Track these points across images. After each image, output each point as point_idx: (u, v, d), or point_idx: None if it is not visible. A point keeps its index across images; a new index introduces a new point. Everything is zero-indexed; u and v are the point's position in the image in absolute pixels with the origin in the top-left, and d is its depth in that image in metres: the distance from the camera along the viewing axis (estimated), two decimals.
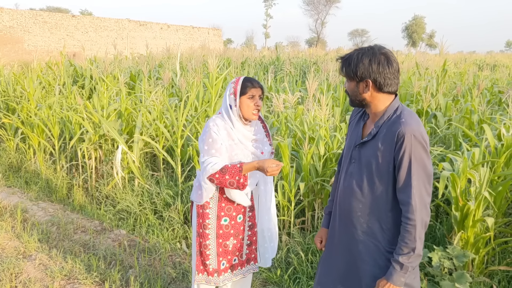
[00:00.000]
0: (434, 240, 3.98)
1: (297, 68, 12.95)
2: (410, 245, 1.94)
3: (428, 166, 1.95)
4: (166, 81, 6.58)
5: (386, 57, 2.03)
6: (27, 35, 28.12)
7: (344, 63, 2.11)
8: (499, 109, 6.73)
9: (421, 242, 1.95)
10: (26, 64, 13.95)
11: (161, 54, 16.25)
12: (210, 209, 2.81)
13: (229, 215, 2.83)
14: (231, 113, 2.71)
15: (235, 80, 2.74)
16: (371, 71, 2.01)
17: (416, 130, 1.94)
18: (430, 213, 1.98)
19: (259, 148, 2.83)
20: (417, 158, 1.93)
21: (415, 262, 1.97)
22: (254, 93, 2.69)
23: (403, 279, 1.98)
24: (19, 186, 6.49)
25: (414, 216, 1.92)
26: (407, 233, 1.95)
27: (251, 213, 2.94)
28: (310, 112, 4.92)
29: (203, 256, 2.84)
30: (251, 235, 2.96)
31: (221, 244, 2.83)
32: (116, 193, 5.42)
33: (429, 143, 1.99)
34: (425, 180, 1.95)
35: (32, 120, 7.02)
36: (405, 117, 2.00)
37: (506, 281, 3.44)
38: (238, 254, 2.92)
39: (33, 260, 4.19)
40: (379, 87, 2.04)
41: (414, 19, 72.84)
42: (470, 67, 13.94)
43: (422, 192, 1.94)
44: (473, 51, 37.66)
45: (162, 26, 37.01)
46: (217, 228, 2.82)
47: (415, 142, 1.92)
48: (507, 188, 3.64)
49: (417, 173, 1.93)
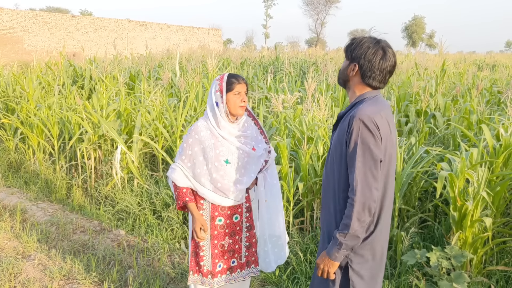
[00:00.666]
0: (432, 240, 3.99)
1: (297, 68, 12.95)
2: (347, 223, 1.98)
3: (374, 151, 1.95)
4: (165, 81, 6.59)
5: (383, 52, 2.07)
6: (27, 35, 28.12)
7: (350, 42, 2.17)
8: (498, 109, 6.73)
9: (360, 224, 1.97)
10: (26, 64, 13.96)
11: (161, 54, 16.27)
12: (204, 210, 2.81)
13: (223, 214, 2.81)
14: (217, 111, 2.71)
15: (220, 77, 2.75)
16: (362, 57, 2.07)
17: (366, 115, 1.97)
18: (376, 198, 1.96)
19: (248, 144, 2.82)
20: (363, 142, 1.96)
21: (350, 242, 2.00)
22: (240, 89, 2.70)
23: (337, 255, 2.04)
24: (18, 186, 6.49)
25: (355, 197, 1.96)
26: (347, 211, 1.99)
27: (248, 214, 2.92)
28: (309, 112, 4.93)
29: (198, 257, 2.85)
30: (250, 236, 2.94)
31: (216, 245, 2.82)
32: (115, 193, 5.42)
33: (384, 129, 2.00)
34: (371, 164, 1.96)
35: (31, 120, 7.02)
36: (364, 104, 2.05)
37: (504, 281, 3.44)
38: (237, 256, 2.90)
39: (32, 260, 4.20)
40: (362, 75, 2.09)
41: (414, 19, 72.82)
42: (469, 67, 13.94)
43: (366, 174, 1.96)
44: (473, 51, 37.68)
45: (162, 26, 37.01)
46: (211, 229, 2.82)
47: (362, 126, 1.96)
48: (505, 188, 3.65)
49: (362, 156, 1.96)
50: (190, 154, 2.75)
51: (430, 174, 4.31)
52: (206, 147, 2.73)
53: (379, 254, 2.15)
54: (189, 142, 2.75)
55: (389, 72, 2.09)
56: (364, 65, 2.07)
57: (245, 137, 2.82)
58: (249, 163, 2.83)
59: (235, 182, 2.77)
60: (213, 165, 2.73)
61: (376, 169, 1.97)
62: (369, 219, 1.99)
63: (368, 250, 2.10)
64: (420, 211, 4.30)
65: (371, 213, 1.98)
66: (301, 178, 4.32)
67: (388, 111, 2.12)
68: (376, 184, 1.97)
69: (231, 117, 2.74)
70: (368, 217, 1.98)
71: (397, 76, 8.09)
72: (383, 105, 2.09)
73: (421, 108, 6.12)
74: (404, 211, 4.22)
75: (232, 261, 2.90)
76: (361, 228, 1.98)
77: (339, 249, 2.02)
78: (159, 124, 5.60)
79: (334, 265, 2.08)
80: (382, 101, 2.12)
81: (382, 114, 2.02)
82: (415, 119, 6.21)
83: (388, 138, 2.04)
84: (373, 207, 1.97)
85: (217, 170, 2.74)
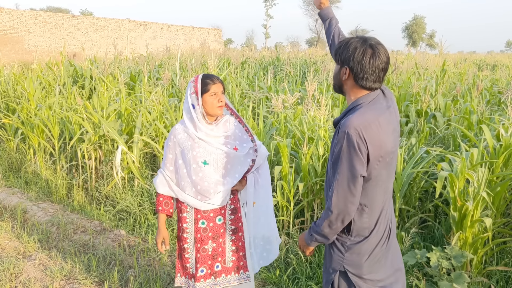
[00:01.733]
0: (432, 240, 4.00)
1: (297, 68, 12.95)
2: (320, 223, 2.06)
3: (356, 166, 1.91)
4: (166, 82, 6.60)
5: (372, 51, 1.96)
6: (27, 35, 28.13)
7: (338, 45, 2.10)
8: (498, 109, 6.74)
9: (330, 230, 2.03)
10: (26, 64, 13.98)
11: (161, 54, 16.27)
12: (188, 212, 2.78)
13: (205, 217, 2.76)
14: (193, 113, 2.67)
15: (194, 79, 2.70)
16: (351, 59, 1.98)
17: (353, 127, 1.90)
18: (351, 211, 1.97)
19: (229, 144, 2.75)
20: (345, 156, 1.92)
21: (320, 239, 2.10)
22: (216, 89, 2.65)
23: (310, 243, 2.16)
24: (19, 187, 6.50)
25: (331, 207, 1.98)
26: (323, 214, 2.05)
27: (233, 216, 2.84)
28: (309, 113, 4.93)
29: (183, 259, 2.84)
30: (236, 240, 2.84)
31: (199, 249, 2.77)
32: (115, 193, 5.43)
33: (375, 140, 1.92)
34: (349, 179, 1.93)
35: (32, 121, 7.03)
36: (356, 113, 1.96)
37: (504, 281, 3.45)
38: (220, 259, 2.82)
39: (33, 260, 4.21)
40: (355, 78, 2.00)
41: (414, 19, 72.84)
42: (470, 67, 13.95)
43: (344, 188, 1.94)
44: (473, 51, 37.74)
45: (162, 26, 37.02)
46: (195, 232, 2.77)
47: (346, 139, 1.90)
48: (506, 188, 3.65)
49: (343, 170, 1.93)
50: (171, 158, 2.77)
51: (430, 174, 4.32)
52: (184, 149, 2.71)
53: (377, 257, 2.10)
54: (170, 146, 2.76)
55: (383, 69, 1.99)
56: (354, 67, 1.97)
57: (225, 137, 2.76)
58: (231, 163, 2.76)
59: (215, 183, 2.71)
60: (191, 167, 2.69)
61: (354, 184, 1.93)
62: (341, 227, 2.02)
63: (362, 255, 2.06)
64: (421, 211, 4.30)
65: (345, 223, 2.00)
66: (302, 178, 4.32)
67: (386, 116, 2.00)
68: (352, 198, 1.95)
69: (208, 118, 2.69)
70: (340, 226, 2.01)
71: (397, 76, 8.09)
72: (379, 112, 1.98)
73: (422, 108, 6.13)
74: (404, 211, 4.22)
75: (216, 265, 2.82)
76: (331, 233, 2.04)
77: (311, 240, 2.14)
78: (160, 124, 5.60)
79: (309, 249, 2.24)
80: (380, 105, 2.02)
81: (374, 124, 1.92)
82: (415, 119, 6.21)
83: (381, 148, 1.95)
84: (346, 220, 1.98)
85: (195, 172, 2.69)
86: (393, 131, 2.03)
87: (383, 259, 2.12)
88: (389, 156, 2.01)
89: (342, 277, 2.12)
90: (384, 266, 2.13)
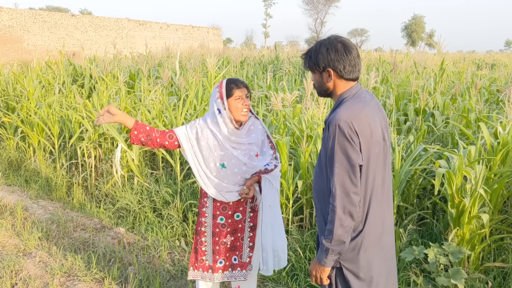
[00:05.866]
0: (430, 237, 4.02)
1: (296, 67, 12.96)
2: (331, 228, 1.99)
3: (352, 156, 1.95)
4: (165, 80, 6.61)
5: (343, 45, 2.07)
6: (27, 34, 28.12)
7: (306, 57, 2.17)
8: (496, 107, 6.76)
9: (343, 229, 1.97)
10: (26, 64, 13.97)
11: (161, 53, 16.28)
12: (207, 207, 2.85)
13: (224, 214, 2.84)
14: (219, 118, 2.73)
15: (219, 84, 2.76)
16: (330, 60, 2.06)
17: (343, 119, 1.95)
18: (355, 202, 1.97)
19: (253, 150, 2.83)
20: (340, 147, 1.95)
21: (336, 247, 2.00)
22: (240, 93, 2.71)
23: (326, 260, 2.04)
24: (19, 185, 6.52)
25: (335, 202, 1.97)
26: (330, 217, 2.00)
27: (252, 214, 2.92)
28: (308, 111, 4.95)
29: (199, 252, 2.88)
30: (253, 236, 2.94)
31: (217, 242, 2.84)
32: (115, 191, 5.45)
33: (364, 131, 1.97)
34: (348, 169, 1.96)
35: (32, 119, 7.05)
36: (342, 107, 2.03)
37: (501, 277, 3.47)
38: (238, 253, 2.91)
39: (33, 257, 4.23)
40: (340, 74, 2.08)
41: (413, 19, 72.88)
42: (468, 66, 13.96)
43: (344, 180, 1.96)
44: (472, 51, 37.77)
45: (161, 25, 37.01)
46: (213, 226, 2.85)
47: (338, 131, 1.95)
48: (503, 185, 3.68)
49: (340, 162, 1.96)
50: (193, 124, 2.83)
51: (428, 171, 4.34)
52: (206, 143, 2.78)
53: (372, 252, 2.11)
54: (193, 125, 2.83)
55: (358, 56, 2.09)
56: (337, 66, 2.06)
57: (249, 144, 2.83)
58: (248, 173, 2.83)
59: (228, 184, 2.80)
60: (209, 164, 2.79)
61: (354, 174, 1.96)
62: (352, 223, 1.99)
63: (357, 250, 2.07)
64: (419, 208, 4.33)
65: (354, 217, 1.98)
66: (300, 176, 4.35)
67: (371, 107, 2.08)
68: (355, 189, 1.97)
69: (235, 123, 2.76)
70: (350, 222, 1.98)
71: (396, 75, 8.11)
72: (364, 103, 2.06)
73: (420, 107, 6.14)
74: (402, 208, 4.25)
75: (234, 258, 2.91)
76: (345, 232, 1.98)
77: (326, 254, 2.03)
78: (159, 122, 5.62)
79: (325, 271, 2.09)
80: (363, 98, 2.09)
81: (362, 115, 1.99)
82: (413, 118, 6.23)
83: (372, 137, 2.01)
84: (353, 211, 1.97)
85: (211, 171, 2.79)
86: (380, 121, 2.09)
87: (378, 256, 2.14)
88: (379, 147, 2.06)
89: (339, 274, 2.13)
90: (379, 263, 2.15)
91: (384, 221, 2.15)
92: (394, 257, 2.29)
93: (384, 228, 2.15)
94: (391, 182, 2.19)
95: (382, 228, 2.15)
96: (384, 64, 12.87)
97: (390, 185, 2.19)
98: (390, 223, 2.22)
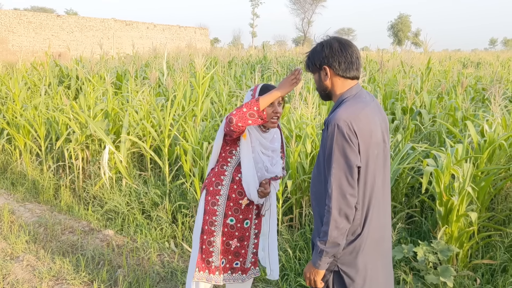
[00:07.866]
0: (419, 235, 4.05)
1: (284, 67, 12.98)
2: (326, 230, 1.96)
3: (349, 157, 1.92)
4: (152, 81, 6.57)
5: (339, 42, 2.07)
6: (12, 35, 27.75)
7: (307, 59, 2.18)
8: (482, 106, 6.83)
9: (338, 231, 1.94)
10: (11, 65, 13.79)
11: (148, 53, 16.20)
12: (219, 206, 2.81)
13: (236, 216, 2.82)
14: None
15: (253, 88, 2.76)
16: (324, 56, 2.06)
17: (342, 119, 1.93)
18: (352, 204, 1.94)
19: (274, 159, 2.89)
20: (338, 148, 1.93)
21: (331, 249, 1.97)
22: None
23: (320, 263, 2.01)
24: (5, 188, 6.43)
25: (331, 204, 1.94)
26: (325, 219, 1.97)
27: (257, 220, 2.94)
28: (296, 111, 4.96)
29: (206, 253, 2.83)
30: (257, 243, 2.96)
31: (224, 242, 2.83)
32: (103, 193, 5.40)
33: (364, 132, 1.95)
34: (346, 170, 1.93)
35: (17, 121, 6.96)
36: (342, 107, 2.01)
37: (489, 274, 3.51)
38: (241, 259, 2.89)
39: (21, 261, 4.17)
40: (336, 71, 2.06)
41: (399, 18, 73.47)
42: (454, 65, 14.09)
43: (341, 181, 1.93)
44: (458, 49, 38.15)
45: (148, 25, 36.79)
46: (223, 226, 2.82)
47: (337, 132, 1.93)
48: (490, 183, 3.72)
49: (337, 162, 1.93)
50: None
51: (416, 170, 4.37)
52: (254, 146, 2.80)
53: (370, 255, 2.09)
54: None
55: (357, 57, 2.07)
56: (331, 62, 2.05)
57: (272, 151, 2.86)
58: (265, 177, 2.87)
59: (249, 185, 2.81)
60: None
61: (352, 175, 1.93)
62: (347, 225, 1.96)
63: (356, 253, 2.04)
64: (407, 207, 4.35)
65: (349, 220, 1.95)
66: (290, 175, 4.35)
67: (372, 108, 2.06)
68: (352, 190, 1.94)
69: (262, 127, 2.77)
70: (346, 224, 1.95)
71: (383, 74, 8.16)
72: (364, 104, 2.04)
73: (407, 106, 6.19)
74: (391, 207, 4.27)
75: (236, 263, 2.89)
76: (340, 235, 1.95)
77: (320, 256, 1.99)
78: (147, 123, 5.59)
79: (319, 274, 2.06)
80: (363, 99, 2.07)
81: (362, 115, 1.97)
82: (401, 117, 6.27)
83: (372, 138, 1.99)
84: (349, 213, 1.94)
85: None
86: (380, 122, 2.07)
87: (377, 260, 2.12)
88: (378, 148, 2.03)
89: (336, 277, 2.10)
90: (377, 268, 2.13)
91: (384, 225, 2.13)
92: (391, 262, 2.27)
93: (383, 232, 2.13)
94: (389, 185, 2.17)
95: (382, 232, 2.12)
96: (371, 63, 12.94)
97: (389, 188, 2.17)
98: (389, 228, 2.20)
